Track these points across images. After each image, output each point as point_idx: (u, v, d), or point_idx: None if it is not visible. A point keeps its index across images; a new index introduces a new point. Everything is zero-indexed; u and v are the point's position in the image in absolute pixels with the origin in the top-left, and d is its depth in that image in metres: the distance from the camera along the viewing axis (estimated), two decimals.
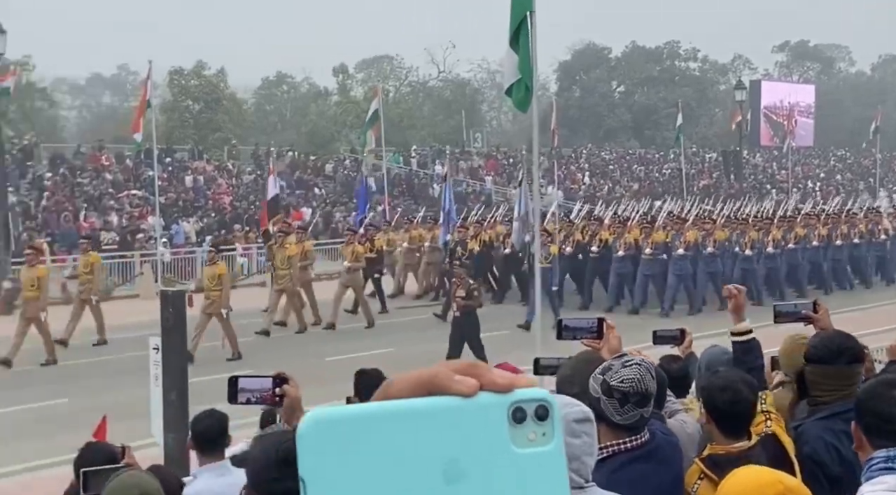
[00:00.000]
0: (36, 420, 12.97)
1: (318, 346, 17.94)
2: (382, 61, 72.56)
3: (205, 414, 5.18)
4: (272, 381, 3.25)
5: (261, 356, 17.26)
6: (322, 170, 45.58)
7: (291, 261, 20.06)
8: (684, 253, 21.74)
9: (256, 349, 18.10)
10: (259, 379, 3.27)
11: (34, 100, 48.25)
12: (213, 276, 17.41)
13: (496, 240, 24.87)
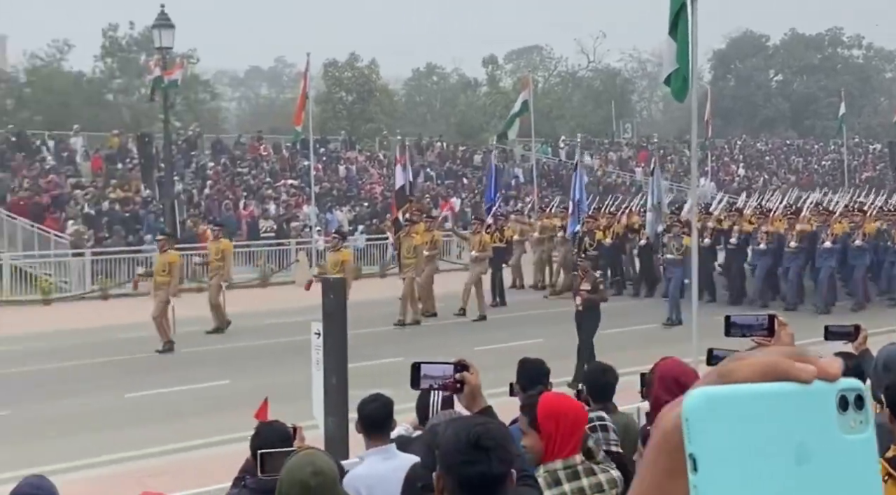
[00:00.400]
0: (197, 400, 13.51)
1: (463, 336, 18.09)
2: (532, 52, 72.42)
3: (371, 398, 5.27)
4: (453, 368, 3.29)
5: (403, 346, 17.53)
6: (471, 161, 45.82)
7: (418, 250, 20.09)
8: (831, 246, 20.68)
9: (399, 338, 18.41)
10: (441, 366, 3.32)
11: (198, 92, 50.10)
12: (336, 263, 17.44)
13: (631, 230, 24.42)
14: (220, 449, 10.71)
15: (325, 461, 3.53)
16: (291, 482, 3.46)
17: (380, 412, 5.12)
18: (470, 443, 2.55)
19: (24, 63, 51.96)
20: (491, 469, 2.54)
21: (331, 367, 8.49)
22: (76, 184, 31.61)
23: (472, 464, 2.53)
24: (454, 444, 2.56)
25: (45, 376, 15.29)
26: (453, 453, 2.55)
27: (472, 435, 2.56)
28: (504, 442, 2.61)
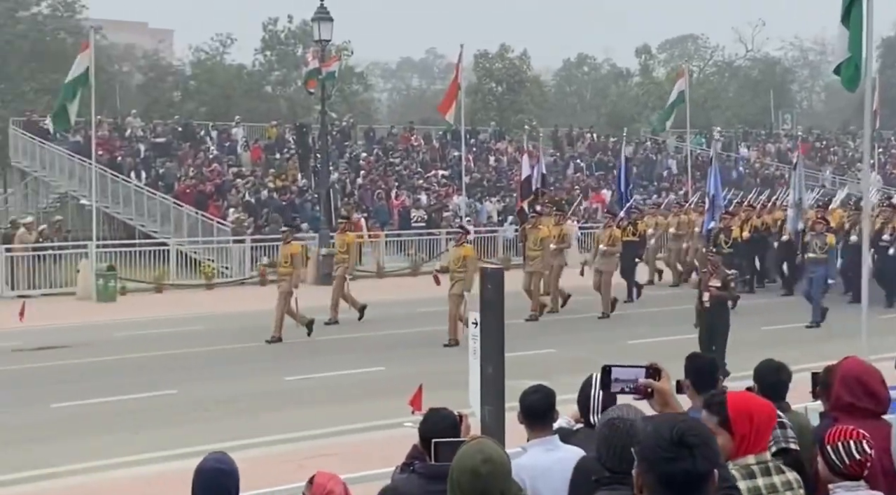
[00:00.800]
0: (353, 385, 13.82)
1: (605, 332, 17.92)
2: (687, 41, 70.97)
3: (533, 389, 5.27)
4: (644, 372, 3.26)
5: (552, 338, 17.49)
6: (621, 152, 45.20)
7: (544, 243, 19.69)
8: None
9: (546, 330, 18.37)
10: (632, 370, 3.29)
11: (352, 83, 51.10)
12: (458, 258, 17.02)
13: (773, 226, 23.41)
14: (375, 433, 10.94)
15: (494, 449, 3.58)
16: (462, 470, 3.51)
17: (542, 403, 5.11)
18: (673, 440, 2.51)
19: (189, 57, 54.08)
20: (695, 466, 2.49)
21: (487, 357, 8.56)
22: (237, 173, 32.74)
23: (676, 461, 2.49)
24: (656, 440, 2.53)
25: (209, 358, 15.92)
26: (655, 449, 2.52)
27: (675, 432, 2.53)
28: (708, 439, 2.56)
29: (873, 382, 4.38)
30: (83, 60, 22.55)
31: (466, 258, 16.82)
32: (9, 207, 38.15)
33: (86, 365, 15.37)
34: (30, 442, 10.99)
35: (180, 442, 10.47)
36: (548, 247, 19.74)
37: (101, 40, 42.41)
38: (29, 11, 44.41)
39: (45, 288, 23.49)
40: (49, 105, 38.92)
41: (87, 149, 28.44)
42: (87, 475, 9.86)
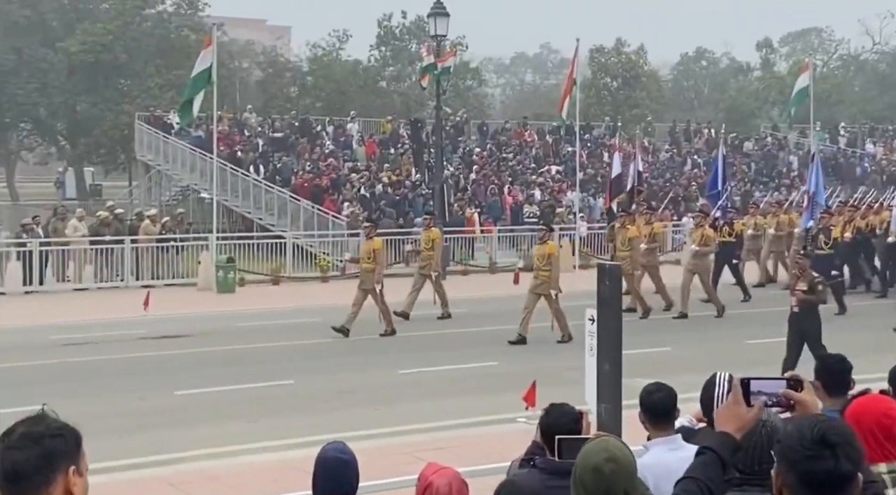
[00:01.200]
0: (466, 379, 13.85)
1: (720, 331, 17.56)
2: (810, 34, 69.09)
3: (654, 388, 5.22)
4: (786, 384, 3.19)
5: (654, 338, 17.24)
6: (741, 148, 44.34)
7: (633, 242, 19.27)
8: None
9: (656, 328, 18.10)
10: (773, 382, 3.22)
11: (466, 78, 51.23)
12: (543, 255, 16.59)
13: (879, 226, 22.49)
14: (489, 428, 10.96)
15: (619, 448, 3.53)
16: (585, 467, 3.48)
17: (664, 402, 5.06)
18: (815, 439, 2.46)
19: (306, 53, 55.02)
20: (837, 466, 2.43)
21: (604, 354, 8.49)
22: (352, 167, 33.17)
23: (818, 460, 2.44)
24: (797, 439, 2.48)
25: (324, 349, 16.18)
26: (796, 448, 2.47)
27: (817, 431, 2.48)
28: (851, 439, 2.50)
29: None
30: (206, 57, 23.14)
31: (551, 256, 16.54)
32: (133, 200, 39.44)
33: (207, 354, 15.78)
34: (154, 428, 11.34)
35: (299, 432, 10.67)
36: (637, 246, 19.40)
37: (221, 37, 43.56)
38: (154, 9, 45.80)
39: (168, 278, 24.21)
40: (173, 100, 40.14)
41: (208, 143, 29.19)
42: (209, 461, 10.11)
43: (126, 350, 16.03)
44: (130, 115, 39.20)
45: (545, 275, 16.43)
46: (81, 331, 17.55)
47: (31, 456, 2.51)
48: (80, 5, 48.38)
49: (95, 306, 20.81)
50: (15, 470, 2.50)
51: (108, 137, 43.46)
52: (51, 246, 23.58)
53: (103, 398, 12.70)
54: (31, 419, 2.59)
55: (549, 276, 16.36)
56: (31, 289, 22.78)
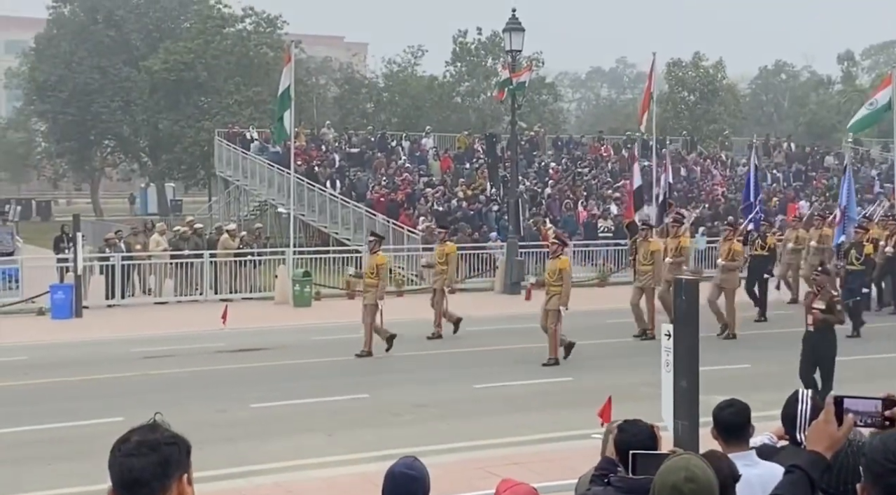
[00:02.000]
0: (538, 395, 13.77)
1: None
2: (893, 46, 67.65)
3: (727, 403, 5.16)
4: (881, 403, 3.11)
5: (733, 354, 16.92)
6: (821, 162, 43.52)
7: (654, 256, 18.50)
8: None
9: (729, 345, 17.76)
10: (867, 401, 3.14)
11: (541, 93, 51.19)
12: (554, 271, 16.04)
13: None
14: (564, 444, 10.87)
15: (701, 467, 3.45)
16: (663, 485, 3.40)
17: (738, 417, 5.01)
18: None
19: (382, 68, 55.53)
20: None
21: (681, 370, 8.37)
22: (427, 182, 33.30)
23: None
24: (882, 453, 2.44)
25: (398, 363, 16.23)
26: (881, 462, 2.43)
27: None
28: None
29: None
30: (287, 74, 23.48)
31: (562, 271, 15.90)
32: (213, 214, 40.14)
33: (283, 367, 15.95)
34: (231, 440, 11.46)
35: (373, 446, 10.70)
36: (659, 260, 18.69)
37: (299, 54, 44.21)
38: (234, 27, 46.65)
39: (246, 292, 24.53)
40: (251, 117, 40.84)
41: (285, 159, 29.56)
42: (283, 474, 10.19)
43: (204, 363, 16.27)
44: (210, 131, 39.95)
45: (556, 291, 15.85)
46: (161, 344, 17.87)
47: (149, 464, 2.57)
48: (162, 25, 49.56)
49: (175, 319, 21.18)
50: (134, 476, 2.56)
51: (188, 154, 44.37)
52: (133, 260, 24.08)
53: (182, 410, 12.86)
54: (145, 427, 2.65)
55: (560, 292, 15.75)
56: (113, 303, 23.27)
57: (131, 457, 2.56)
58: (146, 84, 44.85)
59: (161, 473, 2.57)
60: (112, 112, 46.49)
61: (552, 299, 15.80)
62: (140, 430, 2.63)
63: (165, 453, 2.58)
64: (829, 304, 12.58)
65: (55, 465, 10.29)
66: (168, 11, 49.69)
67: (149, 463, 2.56)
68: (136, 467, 2.55)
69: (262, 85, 42.77)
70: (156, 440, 2.59)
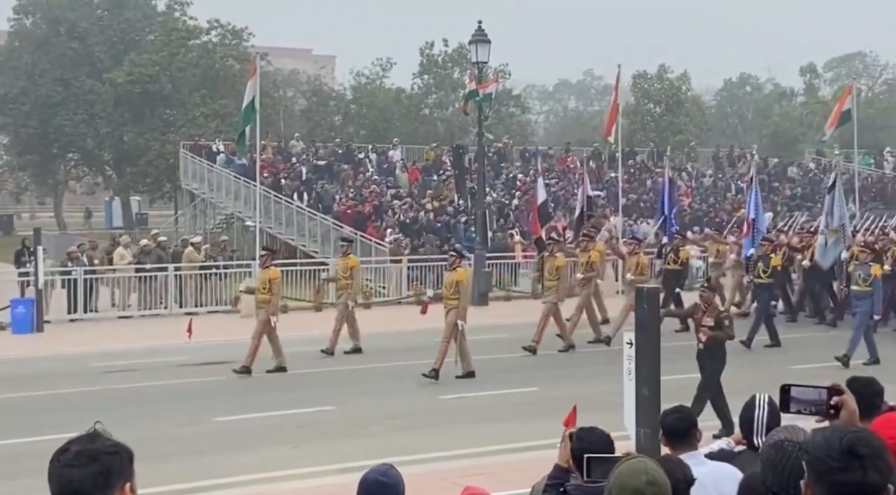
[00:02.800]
0: (505, 405, 13.78)
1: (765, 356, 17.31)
2: (854, 59, 68.51)
3: (672, 409, 5.34)
4: (827, 392, 3.14)
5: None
6: (785, 173, 43.96)
7: (559, 272, 18.16)
8: None
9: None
10: (812, 390, 3.17)
11: (509, 105, 51.36)
12: (451, 284, 15.57)
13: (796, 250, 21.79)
14: (530, 454, 10.86)
15: (658, 471, 3.46)
16: (622, 488, 3.40)
17: (682, 423, 5.15)
18: (843, 450, 2.44)
19: (350, 81, 55.52)
20: (866, 477, 2.40)
21: (643, 378, 8.41)
22: (395, 194, 33.29)
23: (846, 472, 2.42)
24: (826, 450, 2.45)
25: (365, 375, 16.17)
26: (824, 459, 2.45)
27: (845, 442, 2.45)
28: (881, 451, 2.46)
29: None
30: (253, 86, 23.41)
31: (460, 284, 15.41)
32: (179, 228, 39.89)
33: (248, 380, 15.85)
34: (197, 454, 11.37)
35: (339, 458, 10.66)
36: (564, 276, 18.52)
37: (266, 66, 44.10)
38: (199, 40, 46.46)
39: (211, 305, 24.36)
40: (217, 129, 40.68)
41: (252, 171, 29.45)
42: (249, 487, 10.13)
43: (169, 376, 16.15)
44: (175, 144, 39.74)
45: (453, 304, 15.39)
46: (125, 358, 17.71)
47: (90, 474, 2.53)
48: (126, 37, 49.28)
49: (139, 333, 20.99)
50: (74, 487, 2.52)
51: (153, 167, 44.08)
52: (95, 274, 23.84)
53: (146, 424, 12.77)
54: (85, 437, 2.62)
55: (458, 305, 15.32)
56: (75, 317, 23.03)
57: (71, 468, 2.52)
58: (110, 96, 44.53)
59: (102, 483, 2.53)
60: (75, 125, 46.10)
61: (450, 313, 15.37)
62: (80, 440, 2.59)
63: (107, 463, 2.55)
64: (717, 320, 12.37)
65: (21, 481, 10.17)
66: (132, 23, 49.39)
67: (89, 474, 2.52)
68: (76, 477, 2.51)
69: (228, 97, 42.61)
70: (96, 450, 2.56)
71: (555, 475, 4.82)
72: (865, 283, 16.57)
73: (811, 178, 43.58)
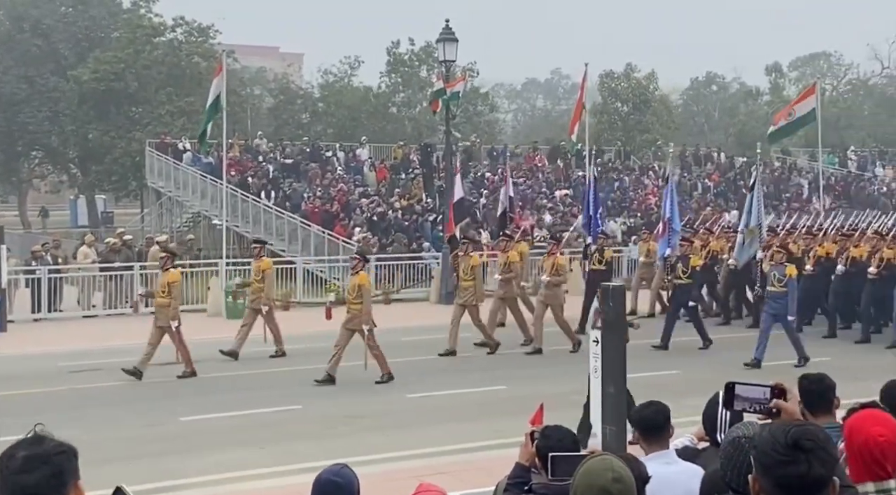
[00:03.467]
0: (472, 404, 13.80)
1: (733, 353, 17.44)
2: (819, 58, 69.15)
3: (647, 403, 5.34)
4: (770, 391, 3.18)
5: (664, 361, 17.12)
6: (748, 173, 44.29)
7: (475, 272, 17.89)
8: None
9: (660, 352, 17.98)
10: (757, 388, 3.21)
11: (477, 104, 51.37)
12: (354, 287, 15.50)
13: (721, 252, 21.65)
14: (496, 452, 10.87)
15: (624, 468, 3.48)
16: (588, 486, 3.41)
17: (657, 416, 5.13)
18: (788, 444, 2.48)
19: (318, 79, 55.29)
20: (811, 470, 2.44)
21: (609, 376, 8.44)
22: (363, 192, 33.23)
23: (791, 465, 2.46)
24: (771, 444, 2.50)
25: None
26: (770, 453, 2.49)
27: (790, 436, 2.50)
28: (825, 444, 2.50)
29: None
30: (219, 84, 23.28)
31: (362, 287, 15.27)
32: (145, 226, 39.59)
33: (214, 379, 15.78)
34: (160, 454, 11.30)
35: (305, 458, 10.61)
36: (479, 276, 18.40)
37: (233, 64, 43.83)
38: (165, 37, 46.10)
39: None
40: (184, 127, 40.39)
41: (218, 169, 29.29)
42: (214, 487, 10.08)
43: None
44: (141, 142, 39.42)
45: (356, 309, 15.27)
46: (90, 358, 17.56)
47: (43, 477, 2.52)
48: (91, 34, 48.78)
49: (104, 333, 20.82)
50: (29, 493, 2.49)
51: (119, 165, 43.70)
52: (60, 273, 23.61)
53: (110, 424, 12.69)
54: (29, 440, 2.59)
55: (360, 310, 15.20)
56: (39, 317, 22.81)
57: (23, 474, 2.50)
58: (75, 94, 44.09)
59: (57, 484, 2.52)
60: (39, 122, 45.60)
61: (353, 319, 15.33)
62: (24, 444, 2.57)
63: (57, 463, 2.53)
64: None
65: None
66: (97, 20, 48.89)
67: (42, 477, 2.50)
68: (31, 483, 2.49)
69: (194, 95, 42.29)
70: (45, 452, 2.53)
71: (516, 474, 4.83)
72: (780, 284, 16.39)
73: (778, 177, 43.95)
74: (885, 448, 3.40)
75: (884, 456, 3.40)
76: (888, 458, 3.41)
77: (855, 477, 3.44)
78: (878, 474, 3.40)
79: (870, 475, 3.40)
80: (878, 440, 3.40)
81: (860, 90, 64.47)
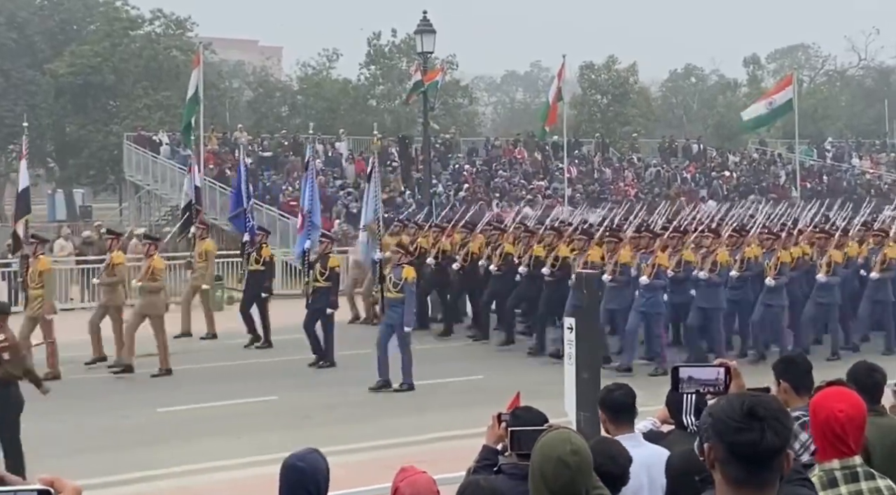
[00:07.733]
0: (449, 394, 13.82)
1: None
2: (797, 50, 69.50)
3: (616, 386, 5.38)
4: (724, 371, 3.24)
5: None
6: (726, 163, 44.54)
7: (44, 277, 15.64)
8: None
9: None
10: (708, 369, 3.28)
11: (456, 96, 51.32)
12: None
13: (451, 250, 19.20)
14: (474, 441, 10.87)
15: (581, 442, 3.52)
16: (546, 458, 3.44)
17: (626, 398, 5.18)
18: (744, 412, 2.51)
19: (297, 72, 55.09)
20: (764, 439, 2.47)
21: (583, 362, 8.47)
22: (341, 185, 33.16)
23: (745, 433, 2.49)
24: (727, 412, 2.54)
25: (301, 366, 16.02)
26: (725, 421, 2.52)
27: (746, 405, 2.53)
28: (780, 415, 2.54)
29: None
30: (197, 76, 23.19)
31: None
32: (123, 220, 39.39)
33: (192, 371, 15.72)
34: (136, 445, 11.28)
35: (280, 448, 10.56)
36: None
37: (211, 57, 43.64)
38: (142, 30, 45.84)
39: None
40: (161, 120, 40.19)
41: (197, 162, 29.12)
42: (189, 478, 10.08)
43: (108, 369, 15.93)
44: (119, 135, 39.21)
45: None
46: (65, 351, 17.40)
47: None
48: (67, 27, 48.46)
49: (81, 325, 20.66)
50: None
51: (96, 158, 43.46)
52: None
53: (86, 416, 12.64)
54: None
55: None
56: (15, 310, 22.57)
57: None
58: (51, 88, 43.78)
59: None
60: (16, 116, 45.27)
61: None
62: None
63: None
64: None
65: None
66: (73, 13, 48.53)
67: None
68: None
69: (171, 88, 42.08)
70: None
71: (484, 456, 4.88)
72: (396, 289, 14.10)
73: (755, 168, 44.20)
74: (846, 423, 3.43)
75: (844, 431, 3.43)
76: (849, 434, 3.44)
77: (821, 456, 3.47)
78: (842, 450, 3.42)
79: (835, 452, 3.43)
80: (838, 416, 3.43)
81: (837, 82, 64.85)
